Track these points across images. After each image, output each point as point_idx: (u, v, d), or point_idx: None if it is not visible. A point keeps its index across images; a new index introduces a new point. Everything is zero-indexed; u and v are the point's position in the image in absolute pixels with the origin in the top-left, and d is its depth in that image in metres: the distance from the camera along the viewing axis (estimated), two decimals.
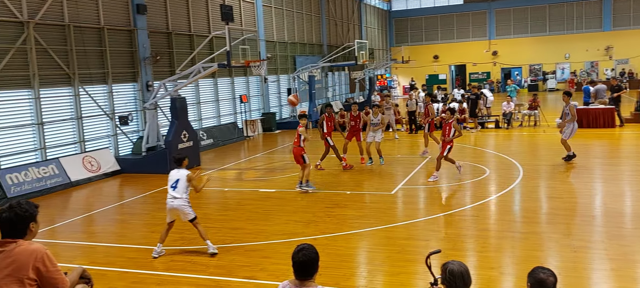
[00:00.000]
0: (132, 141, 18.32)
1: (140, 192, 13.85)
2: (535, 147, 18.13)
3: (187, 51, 20.90)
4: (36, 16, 14.95)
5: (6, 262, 4.02)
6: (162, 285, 7.46)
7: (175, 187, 8.52)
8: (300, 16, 32.13)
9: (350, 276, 7.55)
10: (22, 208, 4.15)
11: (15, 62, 14.46)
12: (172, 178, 8.61)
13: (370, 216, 10.52)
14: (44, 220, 11.25)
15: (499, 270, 7.42)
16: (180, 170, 8.64)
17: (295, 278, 3.92)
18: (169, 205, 8.56)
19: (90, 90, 16.74)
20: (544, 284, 3.67)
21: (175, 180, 8.56)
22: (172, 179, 8.60)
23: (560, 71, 46.40)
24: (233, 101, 24.66)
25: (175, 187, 8.52)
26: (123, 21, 18.04)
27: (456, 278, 3.83)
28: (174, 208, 8.54)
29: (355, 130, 16.11)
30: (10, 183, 13.55)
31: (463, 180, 13.14)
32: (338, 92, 38.64)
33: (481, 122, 23.69)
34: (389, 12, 51.69)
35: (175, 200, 8.49)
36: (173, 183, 8.56)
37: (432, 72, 49.35)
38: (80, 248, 9.56)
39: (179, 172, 8.63)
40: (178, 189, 8.49)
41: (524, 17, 47.12)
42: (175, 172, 8.65)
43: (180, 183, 8.51)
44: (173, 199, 8.50)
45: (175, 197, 8.49)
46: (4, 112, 14.25)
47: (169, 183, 8.60)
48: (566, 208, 10.36)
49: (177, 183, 8.52)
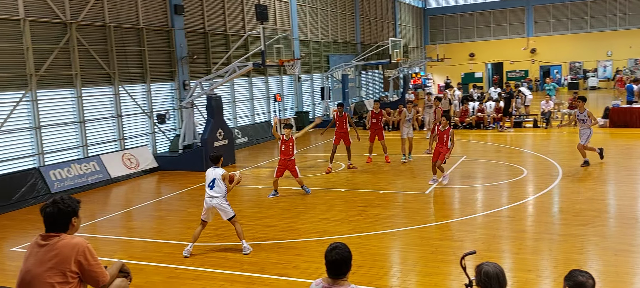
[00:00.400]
0: (169, 139, 18.68)
1: (176, 189, 14.11)
2: (574, 147, 17.65)
3: (223, 51, 21.17)
4: (78, 17, 15.39)
5: (50, 255, 4.17)
6: (198, 280, 7.60)
7: (212, 186, 8.68)
8: (334, 15, 32.13)
9: (383, 275, 7.53)
10: (65, 203, 4.29)
11: (58, 62, 14.93)
12: (209, 177, 8.77)
13: (404, 216, 10.47)
14: (85, 215, 11.56)
15: (536, 273, 7.29)
16: (216, 169, 8.79)
17: (328, 276, 3.94)
18: (208, 204, 8.70)
19: (129, 89, 17.15)
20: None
21: (211, 179, 8.71)
22: (209, 178, 8.76)
23: (602, 69, 45.08)
24: (267, 100, 24.86)
25: (212, 186, 8.68)
26: (161, 22, 18.40)
27: (491, 280, 3.77)
28: (213, 207, 8.68)
29: (377, 129, 16.10)
30: (54, 179, 14.00)
31: (499, 181, 12.93)
32: (372, 91, 38.48)
33: (518, 121, 23.26)
34: (424, 10, 51.17)
35: (213, 199, 8.63)
36: (210, 182, 8.72)
37: (468, 70, 48.63)
38: (119, 242, 9.82)
39: (215, 171, 8.77)
40: (215, 188, 8.64)
41: (564, 13, 45.93)
42: (211, 171, 8.81)
43: (216, 182, 8.67)
44: (211, 198, 8.64)
45: (213, 196, 8.63)
46: (49, 111, 14.73)
47: (206, 182, 8.77)
48: (607, 211, 10.09)
49: (213, 182, 8.68)
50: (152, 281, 7.64)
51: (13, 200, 12.85)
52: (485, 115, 23.29)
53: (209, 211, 8.75)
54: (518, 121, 23.27)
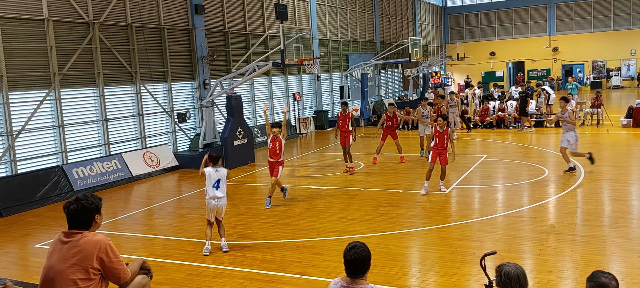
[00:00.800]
0: (189, 138, 18.84)
1: (197, 187, 14.23)
2: (597, 146, 17.40)
3: (243, 50, 21.28)
4: (101, 17, 15.61)
5: (72, 251, 4.23)
6: (217, 278, 7.66)
7: (217, 186, 8.54)
8: (353, 14, 32.08)
9: (402, 275, 7.50)
10: (88, 201, 4.35)
11: (81, 62, 15.16)
12: (213, 178, 8.55)
13: (423, 215, 10.42)
14: (107, 213, 11.76)
15: (557, 274, 7.19)
16: (219, 169, 8.62)
17: (347, 275, 3.94)
18: (213, 205, 8.54)
19: (150, 88, 17.34)
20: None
21: (216, 180, 8.54)
22: (213, 179, 8.55)
23: (626, 68, 44.29)
24: (287, 99, 24.92)
25: (217, 186, 8.54)
26: (182, 21, 18.57)
27: (512, 281, 3.73)
28: (219, 208, 8.58)
29: (391, 130, 16.06)
30: (77, 177, 14.22)
31: (520, 181, 12.79)
32: (391, 90, 38.33)
33: (540, 120, 22.97)
34: (444, 8, 50.79)
35: (220, 200, 8.54)
36: (214, 183, 8.54)
37: (489, 69, 48.17)
38: (141, 240, 9.93)
39: (218, 171, 8.61)
40: (221, 188, 8.56)
41: (586, 11, 45.21)
42: (214, 171, 8.59)
43: (222, 183, 8.57)
44: (218, 200, 8.53)
45: (219, 197, 8.53)
46: (72, 109, 14.96)
47: (210, 183, 8.55)
48: (630, 212, 9.91)
49: (218, 183, 8.54)
50: (173, 278, 7.72)
51: (37, 197, 13.09)
52: (506, 114, 23.05)
53: (213, 211, 8.61)
54: (539, 120, 22.98)
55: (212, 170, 8.61)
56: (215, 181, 8.54)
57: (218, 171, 8.61)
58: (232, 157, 16.90)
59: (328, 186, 13.44)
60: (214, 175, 8.57)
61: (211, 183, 8.55)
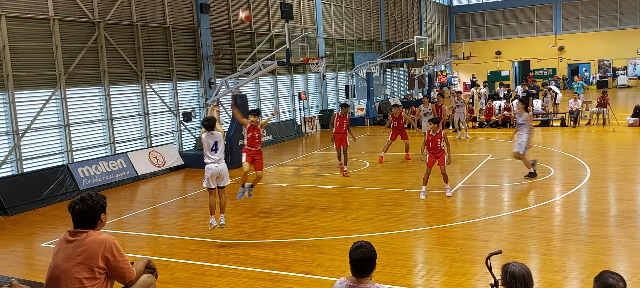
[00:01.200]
0: (195, 137, 18.88)
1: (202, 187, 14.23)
2: (603, 146, 17.33)
3: (248, 49, 21.30)
4: (106, 16, 15.65)
5: (78, 250, 4.24)
6: (223, 277, 7.67)
7: (216, 149, 8.73)
8: (358, 13, 32.05)
9: (407, 275, 7.49)
10: (94, 200, 4.37)
11: (87, 61, 15.21)
12: (210, 142, 8.82)
13: (428, 215, 10.40)
14: (112, 212, 11.80)
15: (563, 274, 7.16)
16: (214, 133, 8.84)
17: (352, 275, 3.93)
18: (214, 170, 8.76)
19: (156, 88, 17.38)
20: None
21: (213, 143, 8.81)
22: (211, 142, 8.82)
23: (632, 67, 44.06)
24: (292, 98, 24.93)
25: (216, 149, 8.73)
26: (187, 20, 18.60)
27: (517, 281, 3.72)
28: (219, 172, 8.81)
29: (400, 130, 16.15)
30: (82, 176, 14.27)
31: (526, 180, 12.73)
32: (397, 89, 38.28)
33: (546, 120, 22.89)
34: (450, 8, 50.68)
35: (219, 163, 8.81)
36: (213, 146, 8.76)
37: (494, 68, 48.03)
38: (146, 239, 9.96)
39: (213, 135, 8.80)
40: (219, 151, 8.77)
41: (592, 10, 45.00)
42: (208, 136, 8.81)
43: (220, 145, 8.84)
44: (217, 163, 8.77)
45: (219, 160, 8.79)
46: (77, 108, 15.02)
47: (208, 147, 8.78)
48: (636, 211, 9.86)
49: (216, 145, 8.81)
50: (178, 277, 7.73)
51: (43, 196, 13.14)
52: (512, 113, 22.96)
53: (214, 177, 8.83)
54: (545, 119, 22.90)
55: (206, 136, 8.84)
56: (213, 143, 8.73)
57: (213, 134, 8.81)
58: (236, 156, 16.88)
59: (333, 185, 13.43)
60: (210, 140, 8.78)
61: (209, 148, 8.75)
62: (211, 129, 8.89)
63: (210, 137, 8.84)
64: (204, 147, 8.93)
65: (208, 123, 8.94)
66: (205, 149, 8.91)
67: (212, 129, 8.91)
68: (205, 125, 8.95)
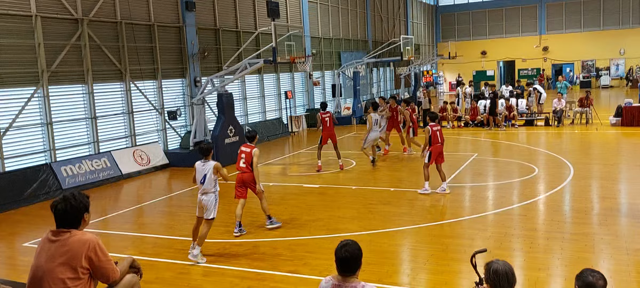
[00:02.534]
0: (180, 135, 18.75)
1: (187, 186, 14.16)
2: (587, 145, 17.53)
3: (234, 47, 21.21)
4: (90, 13, 15.48)
5: (61, 250, 4.19)
6: (208, 276, 7.62)
7: (203, 181, 8.20)
8: (345, 12, 32.07)
9: (393, 273, 7.51)
10: (77, 199, 4.31)
11: (70, 58, 15.03)
12: (199, 173, 8.27)
13: (414, 213, 10.43)
14: (96, 211, 11.68)
15: (547, 272, 7.23)
16: (206, 163, 8.28)
17: (338, 273, 3.93)
18: (199, 199, 8.29)
19: (140, 86, 17.23)
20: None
21: (202, 175, 8.22)
22: (199, 174, 8.27)
23: (615, 67, 44.64)
24: (278, 97, 24.87)
25: (203, 181, 8.20)
26: (172, 18, 18.46)
27: (500, 278, 3.76)
28: (203, 204, 8.24)
29: (395, 123, 16.91)
30: (65, 175, 14.10)
31: (510, 179, 12.84)
32: (383, 88, 38.39)
33: (530, 119, 23.10)
34: (436, 7, 50.92)
35: (203, 195, 8.22)
36: (201, 179, 8.25)
37: (480, 68, 48.37)
38: (130, 238, 9.87)
39: (205, 165, 8.26)
40: (206, 185, 8.20)
41: (576, 11, 45.52)
42: (201, 164, 8.28)
43: (207, 178, 8.18)
44: (202, 195, 8.23)
45: (205, 192, 8.21)
46: (60, 106, 14.83)
47: (198, 178, 8.27)
48: (619, 209, 9.98)
49: (204, 178, 8.20)
50: (163, 277, 7.68)
51: (25, 195, 12.96)
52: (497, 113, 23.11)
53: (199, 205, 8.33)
54: (530, 119, 23.11)
55: (199, 164, 8.36)
56: (201, 176, 8.26)
57: (204, 165, 8.29)
58: (222, 155, 16.81)
59: (320, 184, 13.42)
60: (201, 170, 8.29)
61: (199, 178, 8.30)
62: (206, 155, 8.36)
63: (201, 166, 8.30)
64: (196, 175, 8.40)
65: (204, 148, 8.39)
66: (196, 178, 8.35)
67: (206, 156, 8.35)
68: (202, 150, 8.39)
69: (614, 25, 44.19)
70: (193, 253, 8.16)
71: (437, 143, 11.77)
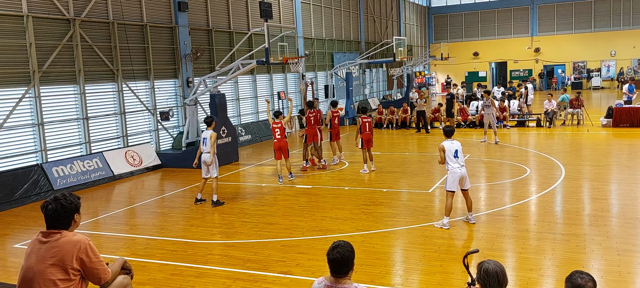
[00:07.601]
0: (172, 136, 18.70)
1: (180, 186, 14.12)
2: (578, 146, 17.64)
3: (227, 48, 21.18)
4: (82, 14, 15.41)
5: (52, 251, 4.16)
6: (201, 278, 7.60)
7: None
8: (338, 13, 32.10)
9: (386, 274, 7.52)
10: (67, 200, 4.28)
11: (62, 59, 14.95)
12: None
13: (407, 214, 10.46)
14: (87, 212, 11.62)
15: (539, 272, 7.27)
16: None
17: (331, 274, 3.93)
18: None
19: (132, 86, 17.17)
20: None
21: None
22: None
23: (606, 68, 44.96)
24: (271, 98, 24.85)
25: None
26: (165, 18, 18.41)
27: (490, 278, 3.78)
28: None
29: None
30: (57, 176, 14.02)
31: (502, 180, 12.89)
32: (376, 89, 38.44)
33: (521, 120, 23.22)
34: (428, 8, 51.07)
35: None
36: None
37: (472, 69, 48.58)
38: (122, 239, 9.83)
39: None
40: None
41: (568, 12, 45.82)
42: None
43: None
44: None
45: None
46: (52, 107, 14.75)
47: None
48: (609, 210, 10.05)
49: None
50: (155, 278, 7.65)
51: (16, 196, 12.88)
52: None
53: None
54: (521, 120, 23.23)
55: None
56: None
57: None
58: None
59: (312, 185, 13.43)
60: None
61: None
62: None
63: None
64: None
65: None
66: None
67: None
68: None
69: (605, 27, 44.52)
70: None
71: (366, 132, 14.42)
